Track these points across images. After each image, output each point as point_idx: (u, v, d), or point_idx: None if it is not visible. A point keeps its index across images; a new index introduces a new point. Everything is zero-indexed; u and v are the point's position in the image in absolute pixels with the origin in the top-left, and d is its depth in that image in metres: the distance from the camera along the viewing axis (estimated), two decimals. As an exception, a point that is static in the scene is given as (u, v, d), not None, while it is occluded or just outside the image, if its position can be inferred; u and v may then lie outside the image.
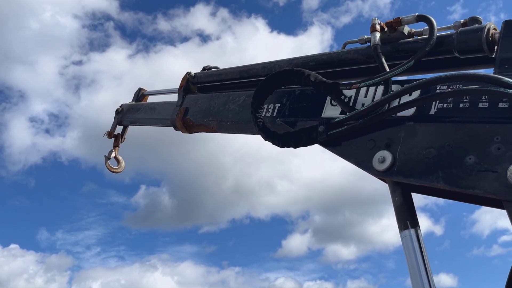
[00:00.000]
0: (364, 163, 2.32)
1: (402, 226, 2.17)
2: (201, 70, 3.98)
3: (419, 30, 2.59)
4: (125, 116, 4.75)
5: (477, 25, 2.31)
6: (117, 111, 4.82)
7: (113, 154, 4.82)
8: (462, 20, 2.39)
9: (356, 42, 2.85)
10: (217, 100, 3.52)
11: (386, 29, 2.60)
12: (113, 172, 4.80)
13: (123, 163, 4.88)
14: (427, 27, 2.47)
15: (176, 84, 4.02)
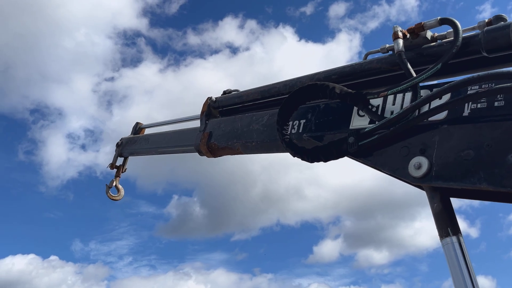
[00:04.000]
0: (400, 171, 2.26)
1: (443, 234, 2.09)
2: (221, 94, 4.00)
3: (442, 33, 2.55)
4: (125, 148, 5.11)
5: (502, 22, 2.27)
6: (117, 145, 5.21)
7: (114, 183, 5.25)
8: (486, 20, 2.35)
9: (378, 52, 2.82)
10: (240, 122, 3.51)
11: (408, 35, 2.57)
12: (112, 199, 5.19)
13: (122, 192, 5.31)
14: (451, 30, 2.44)
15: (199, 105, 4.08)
